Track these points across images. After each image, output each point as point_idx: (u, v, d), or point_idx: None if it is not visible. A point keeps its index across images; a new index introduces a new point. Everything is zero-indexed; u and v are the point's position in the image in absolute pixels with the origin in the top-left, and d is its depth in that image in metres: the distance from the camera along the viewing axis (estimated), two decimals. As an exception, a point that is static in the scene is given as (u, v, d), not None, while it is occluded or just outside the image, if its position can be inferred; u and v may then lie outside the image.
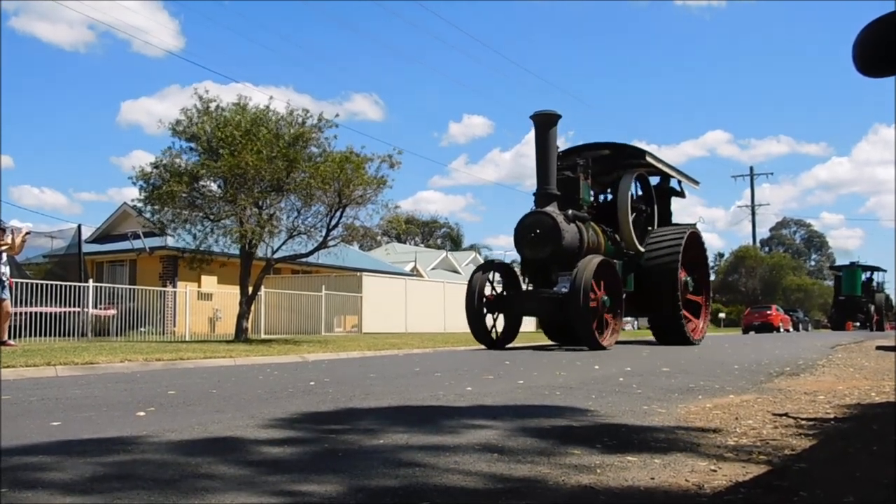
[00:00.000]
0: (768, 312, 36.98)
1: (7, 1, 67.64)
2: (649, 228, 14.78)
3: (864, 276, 41.57)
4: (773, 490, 2.31)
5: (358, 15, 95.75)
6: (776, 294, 57.93)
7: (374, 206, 14.19)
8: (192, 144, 13.83)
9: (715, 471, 2.65)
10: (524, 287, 12.99)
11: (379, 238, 52.87)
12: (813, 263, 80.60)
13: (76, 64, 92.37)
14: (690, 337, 14.03)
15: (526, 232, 12.12)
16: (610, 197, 15.01)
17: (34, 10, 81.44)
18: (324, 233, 14.34)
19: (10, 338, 10.98)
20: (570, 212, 12.32)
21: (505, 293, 13.03)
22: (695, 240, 15.01)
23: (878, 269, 43.23)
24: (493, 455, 2.83)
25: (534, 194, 12.62)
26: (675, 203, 16.62)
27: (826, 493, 2.29)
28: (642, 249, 14.11)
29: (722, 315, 51.85)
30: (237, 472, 2.54)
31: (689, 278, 14.61)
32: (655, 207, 15.07)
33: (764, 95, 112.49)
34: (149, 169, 13.69)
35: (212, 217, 13.83)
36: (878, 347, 12.92)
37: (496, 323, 13.04)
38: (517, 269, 13.49)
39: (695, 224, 15.59)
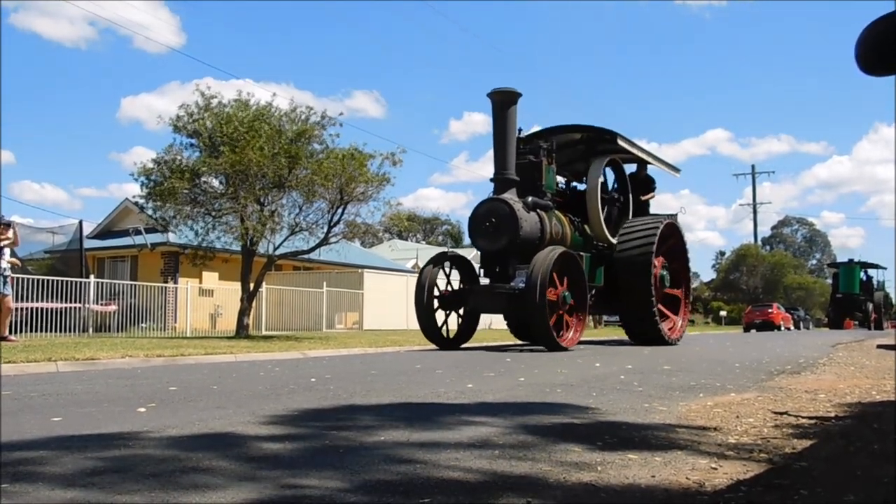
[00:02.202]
0: (769, 311, 36.97)
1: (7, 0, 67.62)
2: (623, 219, 13.67)
3: (862, 274, 40.62)
4: (774, 488, 2.30)
5: (360, 12, 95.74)
6: (777, 292, 57.96)
7: (376, 203, 14.23)
8: (194, 141, 13.85)
9: (716, 469, 2.64)
10: (482, 282, 11.87)
11: (380, 235, 52.88)
12: (815, 262, 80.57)
13: (77, 60, 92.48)
14: (666, 336, 12.93)
15: (480, 221, 11.06)
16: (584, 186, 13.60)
17: (35, 7, 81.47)
18: (325, 229, 14.35)
19: (10, 333, 11.00)
20: (529, 199, 11.24)
21: (459, 288, 11.92)
22: (673, 231, 13.90)
23: (877, 266, 42.26)
24: (493, 452, 2.83)
25: (491, 180, 11.47)
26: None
27: (827, 491, 2.29)
28: (614, 241, 13.06)
29: (723, 313, 51.93)
30: (237, 467, 2.54)
31: (665, 272, 13.45)
32: (630, 196, 13.93)
33: (764, 94, 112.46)
34: (150, 165, 13.72)
35: (213, 213, 13.84)
36: (879, 346, 12.90)
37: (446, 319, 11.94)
38: (475, 262, 12.26)
39: (674, 214, 14.46)
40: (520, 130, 11.90)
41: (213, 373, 6.55)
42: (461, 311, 12.03)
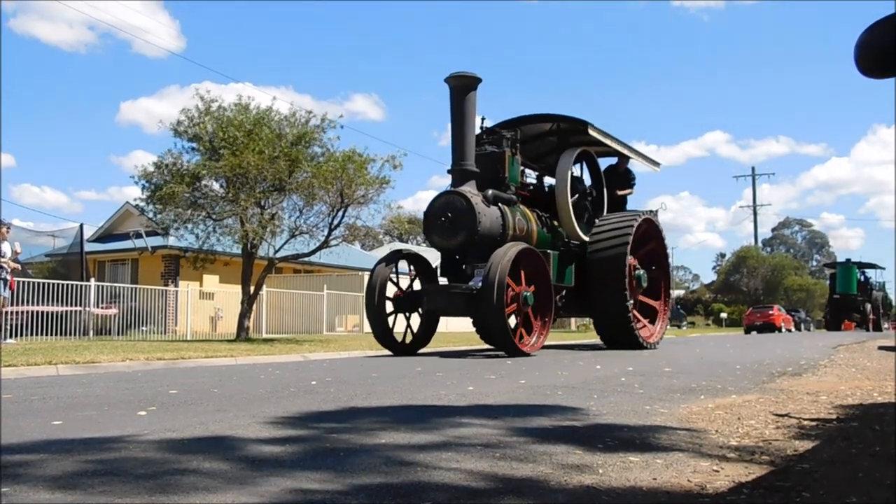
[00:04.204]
0: (770, 312, 36.93)
1: (7, 1, 67.70)
2: (597, 216, 12.74)
3: (859, 274, 39.57)
4: (776, 490, 2.30)
5: (359, 14, 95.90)
6: (778, 294, 57.88)
7: (376, 205, 14.25)
8: (194, 144, 13.87)
9: (717, 471, 2.64)
10: (441, 282, 11.01)
11: (381, 237, 52.96)
12: (815, 263, 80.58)
13: (76, 64, 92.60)
14: (642, 340, 12.06)
15: (435, 216, 10.17)
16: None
17: (34, 11, 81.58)
18: (326, 232, 14.37)
19: (4, 337, 11.00)
20: (490, 192, 10.38)
21: (415, 289, 10.99)
22: (651, 228, 13.03)
23: (874, 266, 41.43)
24: (494, 454, 2.83)
25: (449, 171, 10.59)
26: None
27: (828, 493, 2.29)
28: (586, 238, 12.16)
29: (724, 315, 51.87)
30: (238, 470, 2.54)
31: (641, 272, 12.55)
32: (605, 191, 13.02)
33: (763, 96, 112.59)
34: (151, 169, 13.73)
35: (214, 217, 13.85)
36: (881, 347, 12.90)
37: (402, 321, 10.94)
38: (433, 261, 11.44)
39: (654, 211, 13.69)
40: (482, 119, 11.36)
41: (213, 376, 6.55)
42: (419, 314, 11.06)
